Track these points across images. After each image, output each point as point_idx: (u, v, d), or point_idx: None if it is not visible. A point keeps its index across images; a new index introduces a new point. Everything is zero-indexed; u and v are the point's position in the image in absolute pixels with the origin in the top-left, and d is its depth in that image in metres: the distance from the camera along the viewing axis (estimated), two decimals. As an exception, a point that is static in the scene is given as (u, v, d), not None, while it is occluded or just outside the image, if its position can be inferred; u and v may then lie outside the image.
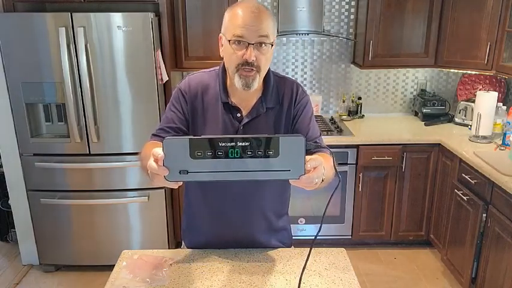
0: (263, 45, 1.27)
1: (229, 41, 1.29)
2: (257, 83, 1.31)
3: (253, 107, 1.39)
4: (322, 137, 1.53)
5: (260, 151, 0.97)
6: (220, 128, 1.39)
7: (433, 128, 3.28)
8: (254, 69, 1.28)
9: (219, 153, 0.97)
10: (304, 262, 1.21)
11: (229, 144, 0.96)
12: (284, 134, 1.03)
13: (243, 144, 0.96)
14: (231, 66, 1.31)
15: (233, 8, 1.31)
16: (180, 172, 0.98)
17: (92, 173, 2.82)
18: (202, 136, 1.00)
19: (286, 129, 1.42)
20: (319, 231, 1.16)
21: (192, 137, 0.99)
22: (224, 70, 1.40)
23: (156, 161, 1.00)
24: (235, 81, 1.31)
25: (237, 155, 0.97)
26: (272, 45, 1.31)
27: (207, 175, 0.98)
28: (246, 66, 1.27)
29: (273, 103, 1.41)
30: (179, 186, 1.09)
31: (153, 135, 1.43)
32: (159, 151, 0.99)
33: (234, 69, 1.30)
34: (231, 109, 1.39)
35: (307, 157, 1.03)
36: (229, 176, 0.98)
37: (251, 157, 0.97)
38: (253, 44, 1.26)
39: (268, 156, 0.97)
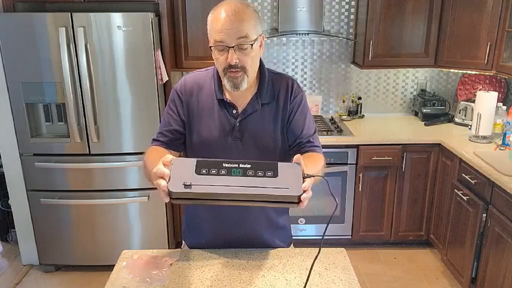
0: (244, 45, 1.28)
1: (211, 47, 1.31)
2: (246, 83, 1.33)
3: (248, 104, 1.41)
4: (318, 135, 1.54)
5: (260, 172, 1.04)
6: (216, 125, 1.40)
7: (433, 128, 3.28)
8: (239, 70, 1.29)
9: (222, 171, 1.04)
10: (311, 264, 1.21)
11: (232, 165, 1.04)
12: (282, 162, 1.12)
13: (245, 166, 1.05)
14: (219, 70, 1.34)
15: (213, 12, 1.31)
16: (184, 185, 1.02)
17: (92, 173, 2.82)
18: (209, 159, 1.07)
19: (282, 125, 1.43)
20: (324, 234, 1.18)
21: (199, 158, 1.07)
22: None
23: (161, 175, 1.04)
24: (226, 84, 1.34)
25: (239, 173, 1.03)
26: (254, 43, 1.29)
27: (209, 188, 1.02)
28: (231, 69, 1.29)
29: (268, 99, 1.42)
30: None
31: (154, 140, 1.46)
32: (165, 171, 1.04)
33: (222, 73, 1.33)
34: (226, 106, 1.40)
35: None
36: (231, 190, 1.01)
37: (252, 176, 1.03)
38: (233, 47, 1.27)
39: (267, 177, 1.03)
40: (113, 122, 2.75)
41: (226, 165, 1.04)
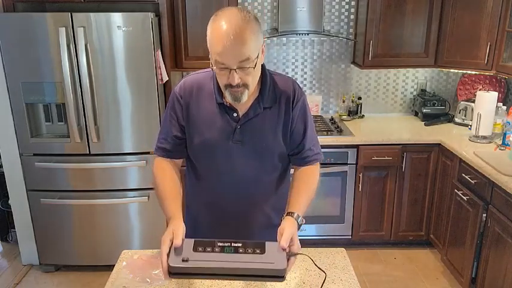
0: (246, 66, 1.23)
1: (211, 62, 1.27)
2: (246, 96, 1.30)
3: (250, 107, 1.38)
4: (318, 135, 1.53)
5: (250, 249, 1.18)
6: (217, 128, 1.39)
7: (433, 128, 3.28)
8: (241, 86, 1.26)
9: (216, 249, 1.18)
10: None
11: (225, 244, 1.19)
12: (269, 242, 1.22)
13: (237, 245, 1.19)
14: (220, 84, 1.31)
15: (214, 22, 1.22)
16: (182, 260, 1.14)
17: (92, 173, 2.82)
18: (205, 239, 1.21)
19: (285, 129, 1.42)
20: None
21: (197, 239, 1.20)
22: None
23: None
24: (227, 96, 1.31)
25: (231, 251, 1.17)
26: (256, 63, 1.25)
27: (204, 263, 1.14)
28: (233, 88, 1.26)
29: (270, 103, 1.40)
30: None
31: (157, 148, 1.47)
32: (166, 252, 1.15)
33: (223, 87, 1.30)
34: (226, 109, 1.38)
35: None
36: (223, 265, 1.14)
37: (242, 253, 1.17)
38: (235, 69, 1.22)
39: (256, 253, 1.17)
40: (112, 122, 2.75)
41: (220, 244, 1.18)
